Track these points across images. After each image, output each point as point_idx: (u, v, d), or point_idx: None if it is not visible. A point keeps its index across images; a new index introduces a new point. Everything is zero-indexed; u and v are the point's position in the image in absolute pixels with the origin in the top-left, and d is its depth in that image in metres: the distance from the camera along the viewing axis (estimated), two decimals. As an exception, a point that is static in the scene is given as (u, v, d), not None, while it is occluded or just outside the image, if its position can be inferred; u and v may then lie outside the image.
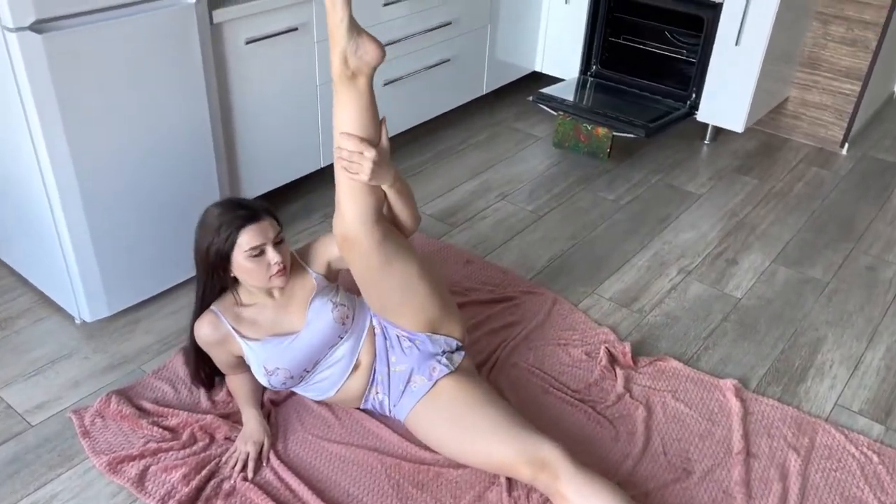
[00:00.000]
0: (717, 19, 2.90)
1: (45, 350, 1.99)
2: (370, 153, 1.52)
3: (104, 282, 1.98)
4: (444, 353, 1.72)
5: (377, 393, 1.75)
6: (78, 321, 2.05)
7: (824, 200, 2.86)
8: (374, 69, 1.53)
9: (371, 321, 1.75)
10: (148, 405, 1.81)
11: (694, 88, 3.09)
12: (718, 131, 3.26)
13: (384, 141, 1.58)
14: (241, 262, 1.62)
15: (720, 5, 2.87)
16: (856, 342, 2.15)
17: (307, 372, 1.70)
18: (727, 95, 2.99)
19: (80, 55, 1.72)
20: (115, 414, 1.78)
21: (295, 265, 1.73)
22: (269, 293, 1.70)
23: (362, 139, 1.54)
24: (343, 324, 1.69)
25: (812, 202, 2.84)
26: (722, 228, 2.67)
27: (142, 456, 1.68)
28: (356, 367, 1.73)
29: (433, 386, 1.66)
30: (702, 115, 3.10)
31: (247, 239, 1.60)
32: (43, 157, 1.77)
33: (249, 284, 1.67)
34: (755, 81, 2.89)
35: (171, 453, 1.69)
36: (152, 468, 1.65)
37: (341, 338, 1.70)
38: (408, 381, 1.69)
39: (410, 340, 1.70)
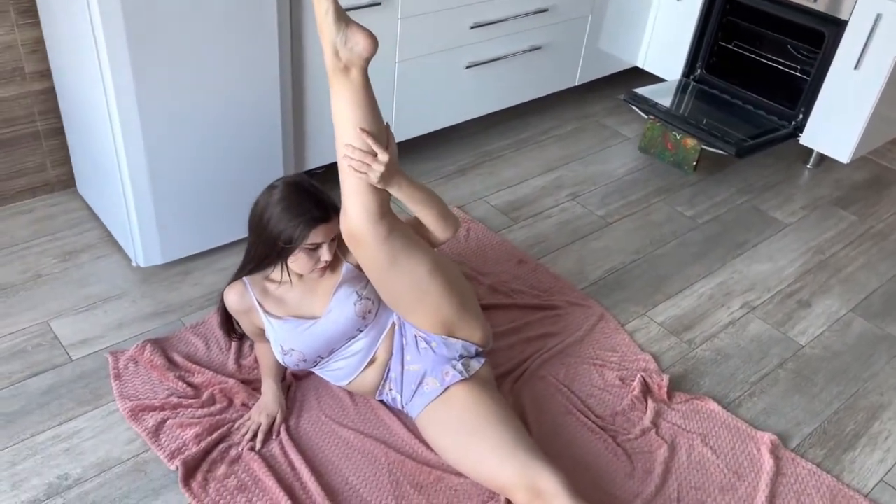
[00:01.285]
0: (840, 37, 2.66)
1: (99, 287, 2.09)
2: (384, 157, 1.48)
3: (160, 230, 2.05)
4: (460, 358, 1.68)
5: (390, 389, 1.74)
6: (134, 264, 2.14)
7: (926, 250, 2.62)
8: (368, 61, 1.47)
9: (393, 318, 1.73)
10: (178, 358, 1.87)
11: (802, 108, 2.86)
12: (824, 157, 3.02)
13: (392, 145, 1.53)
14: (296, 249, 1.63)
15: (845, 23, 2.64)
16: (922, 416, 1.98)
17: (321, 358, 1.71)
18: (837, 121, 2.76)
19: (156, 8, 1.75)
20: (147, 362, 1.85)
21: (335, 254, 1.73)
22: (300, 275, 1.71)
23: (376, 140, 1.50)
24: (364, 318, 1.68)
25: (912, 250, 2.61)
26: (802, 265, 2.49)
27: (162, 408, 1.74)
28: (372, 362, 1.73)
29: (444, 391, 1.63)
30: (806, 139, 2.88)
31: (313, 236, 1.60)
32: (112, 106, 1.83)
33: (290, 267, 1.68)
34: (870, 111, 2.65)
35: (189, 410, 1.75)
36: (169, 422, 1.72)
37: (360, 331, 1.70)
38: (420, 382, 1.67)
39: (426, 342, 1.68)
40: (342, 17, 1.45)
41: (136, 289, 2.10)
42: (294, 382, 1.86)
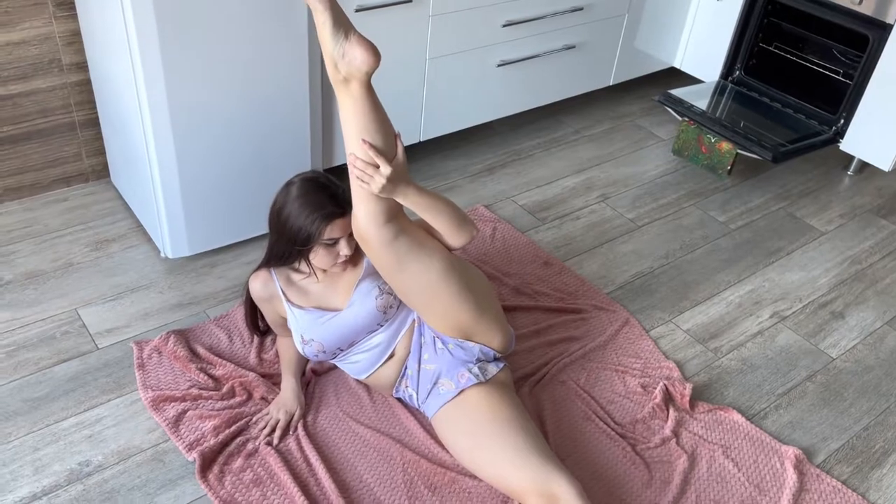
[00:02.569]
0: (885, 41, 2.58)
1: (128, 277, 2.12)
2: (386, 169, 1.47)
3: (187, 222, 2.08)
4: (477, 361, 1.67)
5: (407, 386, 1.74)
6: (162, 255, 2.17)
7: (969, 263, 2.53)
8: (368, 75, 1.45)
9: (414, 315, 1.73)
10: (201, 350, 1.90)
11: (844, 113, 2.78)
12: (865, 164, 2.94)
13: (400, 155, 1.52)
14: (314, 245, 1.64)
15: (891, 27, 2.55)
16: (957, 435, 1.91)
17: (340, 350, 1.72)
18: (880, 127, 2.68)
19: (186, 0, 1.77)
20: (171, 353, 1.88)
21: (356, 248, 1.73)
22: (323, 270, 1.72)
23: (378, 151, 1.49)
24: (385, 313, 1.68)
25: (954, 263, 2.52)
26: (837, 275, 2.42)
27: (183, 399, 1.77)
28: (391, 357, 1.73)
29: (459, 393, 1.63)
30: (846, 145, 2.80)
31: (329, 231, 1.61)
32: (142, 98, 1.86)
33: (312, 262, 1.69)
34: (915, 117, 2.57)
35: (209, 402, 1.77)
36: (189, 413, 1.74)
37: (381, 325, 1.70)
38: (435, 382, 1.67)
39: (443, 343, 1.67)
40: (341, 28, 1.43)
41: (164, 280, 2.13)
42: (313, 378, 1.87)
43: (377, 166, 1.48)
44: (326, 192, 1.62)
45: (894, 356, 2.13)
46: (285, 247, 1.65)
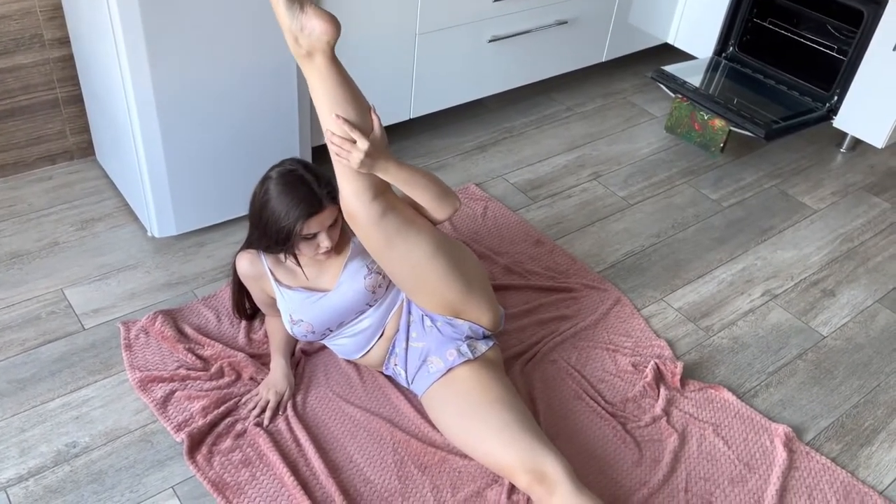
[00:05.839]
0: (879, 17, 2.56)
1: (114, 257, 2.10)
2: (363, 144, 1.45)
3: (174, 201, 2.05)
4: (466, 339, 1.66)
5: (395, 364, 1.73)
6: (149, 235, 2.14)
7: (961, 241, 2.53)
8: (331, 45, 1.42)
9: (403, 294, 1.71)
10: (189, 330, 1.88)
11: (838, 90, 2.76)
12: (858, 141, 2.92)
13: (376, 129, 1.49)
14: (294, 242, 1.62)
15: (886, 2, 2.52)
16: (946, 413, 1.92)
17: (330, 331, 1.71)
18: (873, 104, 2.66)
19: (170, -19, 1.73)
20: (158, 333, 1.86)
21: (341, 231, 1.71)
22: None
23: (353, 126, 1.46)
24: (373, 292, 1.67)
25: (945, 241, 2.52)
26: (829, 253, 2.41)
27: (171, 379, 1.75)
28: (380, 336, 1.72)
29: (448, 371, 1.62)
30: (840, 122, 2.78)
31: (306, 227, 1.58)
32: (126, 73, 1.82)
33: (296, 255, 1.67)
34: (908, 94, 2.55)
35: (197, 382, 1.75)
36: (177, 393, 1.72)
37: (370, 305, 1.68)
38: (424, 360, 1.66)
39: (432, 321, 1.66)
40: (296, 2, 1.39)
41: (151, 259, 2.10)
42: (303, 358, 1.86)
43: (354, 141, 1.46)
44: (304, 186, 1.58)
45: (885, 334, 2.13)
46: (266, 242, 1.64)
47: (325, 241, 1.61)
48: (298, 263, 1.68)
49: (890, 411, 1.90)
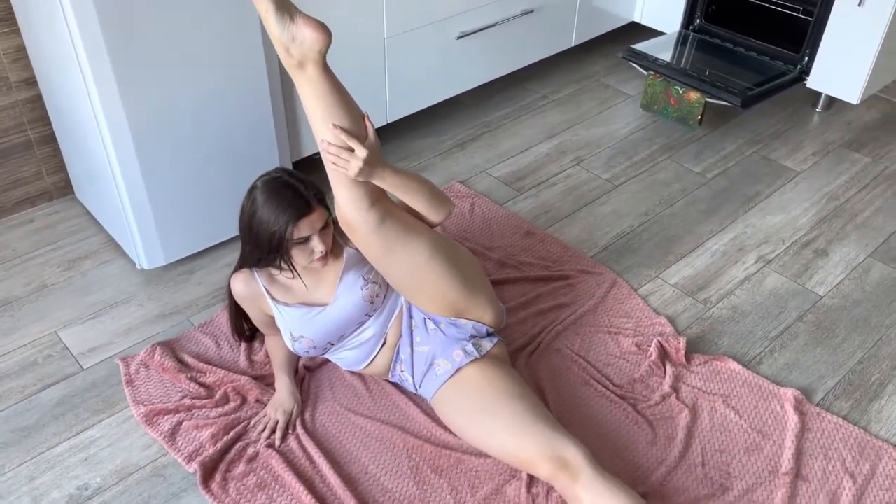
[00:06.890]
0: (841, -26, 2.57)
1: (105, 294, 2.07)
2: (362, 152, 1.43)
3: (159, 231, 2.03)
4: (471, 338, 1.66)
5: (402, 371, 1.72)
6: (138, 267, 2.12)
7: (944, 187, 2.55)
8: (322, 54, 1.41)
9: (402, 300, 1.70)
10: (189, 359, 1.86)
11: (807, 51, 2.78)
12: (833, 99, 2.94)
13: (371, 136, 1.48)
14: (287, 248, 1.60)
15: (846, -42, 2.54)
16: (949, 359, 1.93)
17: (331, 345, 1.69)
18: (844, 61, 2.67)
19: (133, 8, 1.71)
20: (158, 365, 1.84)
21: (333, 240, 1.70)
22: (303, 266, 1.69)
23: (351, 135, 1.45)
24: (371, 302, 1.66)
25: (929, 189, 2.54)
26: (817, 213, 2.43)
27: (177, 411, 1.73)
28: (383, 345, 1.71)
29: (456, 372, 1.61)
30: (813, 82, 2.80)
31: (297, 231, 1.56)
32: (98, 109, 1.79)
33: (290, 262, 1.65)
34: (877, 48, 2.57)
35: (203, 411, 1.73)
36: (185, 424, 1.71)
37: (369, 316, 1.67)
38: (431, 364, 1.65)
39: (435, 323, 1.65)
40: (285, 12, 1.38)
41: (142, 292, 2.08)
42: (307, 374, 1.84)
43: (352, 150, 1.45)
44: (290, 190, 1.56)
45: (881, 288, 2.14)
46: (260, 254, 1.62)
47: (318, 246, 1.59)
48: (294, 270, 1.65)
49: (895, 363, 1.91)
